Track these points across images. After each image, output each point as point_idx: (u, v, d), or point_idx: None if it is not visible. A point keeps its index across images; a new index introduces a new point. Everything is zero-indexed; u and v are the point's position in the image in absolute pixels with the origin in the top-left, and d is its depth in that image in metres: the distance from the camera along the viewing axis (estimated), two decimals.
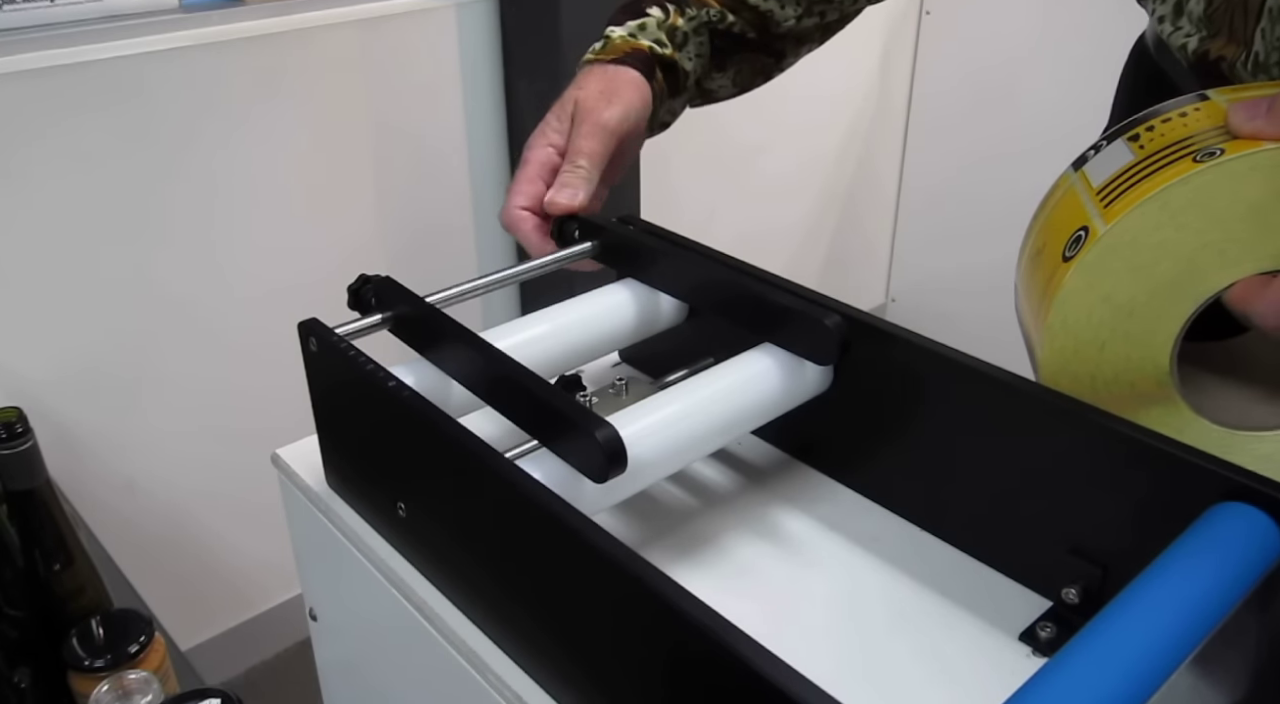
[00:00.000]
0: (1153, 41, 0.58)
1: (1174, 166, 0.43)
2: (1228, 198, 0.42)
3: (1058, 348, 0.47)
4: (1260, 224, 0.42)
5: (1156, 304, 0.45)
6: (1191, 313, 0.45)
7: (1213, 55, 0.51)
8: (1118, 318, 0.46)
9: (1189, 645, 0.34)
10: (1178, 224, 0.43)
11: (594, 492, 0.44)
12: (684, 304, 0.59)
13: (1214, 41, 0.50)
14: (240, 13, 1.27)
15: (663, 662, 0.37)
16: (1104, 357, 0.47)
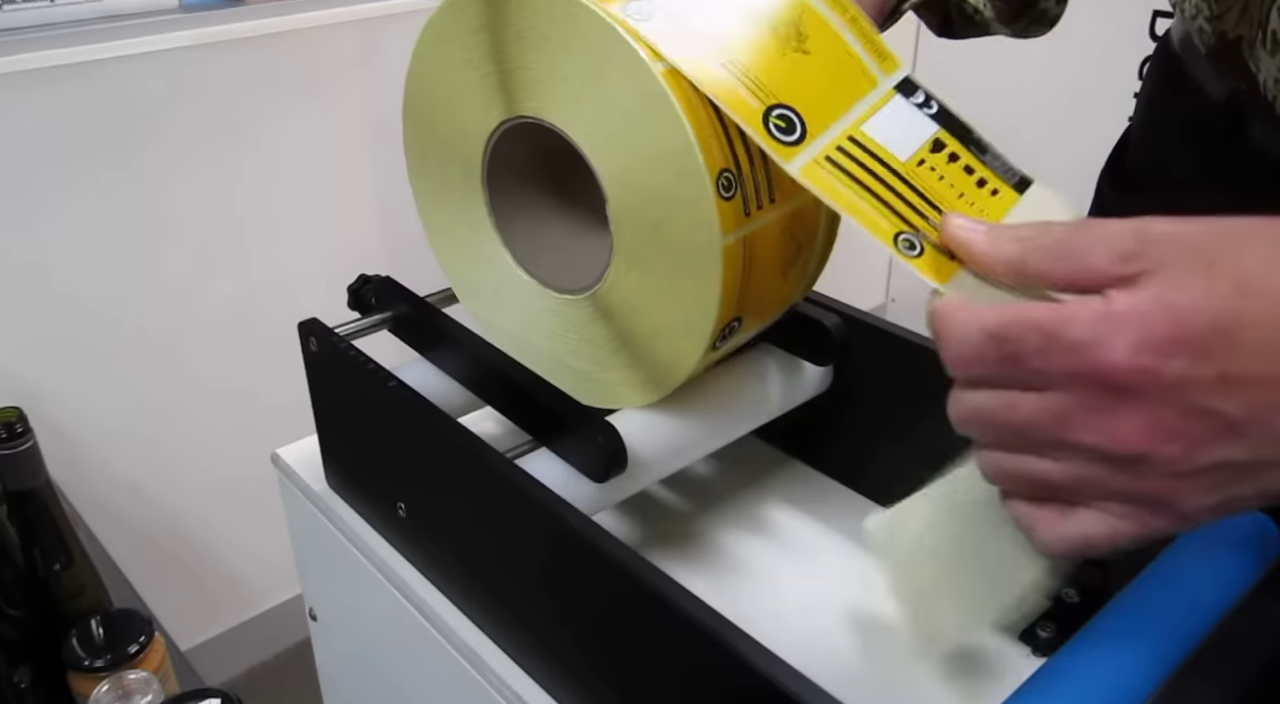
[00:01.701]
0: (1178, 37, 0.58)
1: (879, 215, 0.36)
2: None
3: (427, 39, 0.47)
4: None
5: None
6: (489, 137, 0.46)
7: (1230, 35, 0.50)
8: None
9: (1188, 645, 0.34)
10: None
11: (594, 492, 0.44)
12: None
13: (1226, 20, 0.50)
14: (240, 13, 1.27)
15: (662, 661, 0.37)
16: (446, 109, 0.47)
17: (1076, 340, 0.28)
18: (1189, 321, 0.27)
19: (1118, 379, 0.27)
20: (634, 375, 0.46)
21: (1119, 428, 0.28)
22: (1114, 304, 0.27)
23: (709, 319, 0.41)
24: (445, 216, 0.51)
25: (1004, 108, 2.04)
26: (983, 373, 0.30)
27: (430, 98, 0.48)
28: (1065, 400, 0.29)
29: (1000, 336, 0.29)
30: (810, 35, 0.40)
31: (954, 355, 0.31)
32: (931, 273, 0.34)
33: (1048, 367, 0.28)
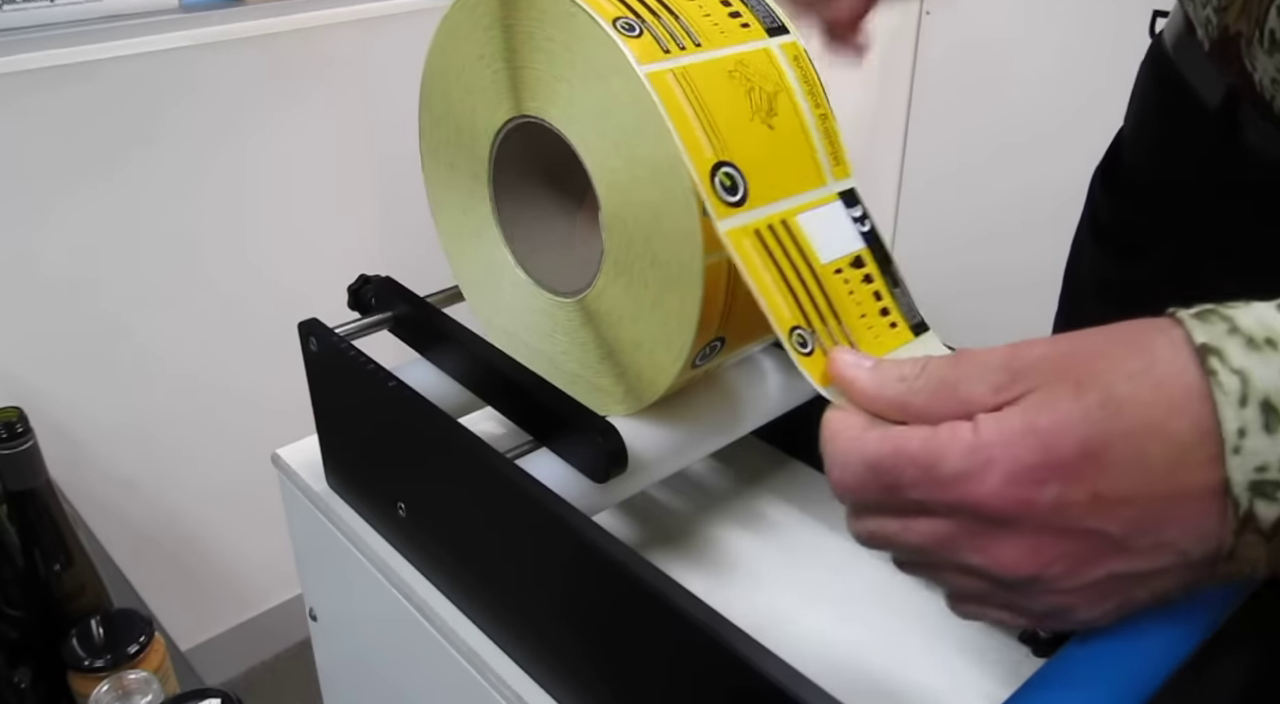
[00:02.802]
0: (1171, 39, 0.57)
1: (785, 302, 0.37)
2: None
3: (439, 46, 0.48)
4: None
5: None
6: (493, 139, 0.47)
7: (1231, 30, 0.50)
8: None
9: (1188, 645, 0.34)
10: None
11: (594, 492, 0.44)
12: None
13: (1229, 13, 0.50)
14: (240, 13, 1.27)
15: (662, 661, 0.37)
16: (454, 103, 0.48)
17: (949, 474, 0.28)
18: (1057, 447, 0.27)
19: (993, 511, 0.28)
20: (618, 384, 0.46)
21: (1002, 553, 0.29)
22: (982, 434, 0.28)
23: (688, 336, 0.42)
24: (454, 212, 0.52)
25: (1005, 108, 2.04)
26: (869, 500, 0.32)
27: (445, 93, 0.48)
28: (950, 527, 0.30)
29: (878, 469, 0.30)
30: (780, 113, 0.41)
31: (838, 481, 0.32)
32: (817, 376, 0.36)
33: (927, 498, 0.29)
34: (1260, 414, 0.26)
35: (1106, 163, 0.66)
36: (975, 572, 0.30)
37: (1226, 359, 0.26)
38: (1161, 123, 0.60)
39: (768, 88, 0.41)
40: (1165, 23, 0.59)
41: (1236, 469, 0.26)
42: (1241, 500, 0.26)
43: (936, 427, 0.29)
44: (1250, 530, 0.27)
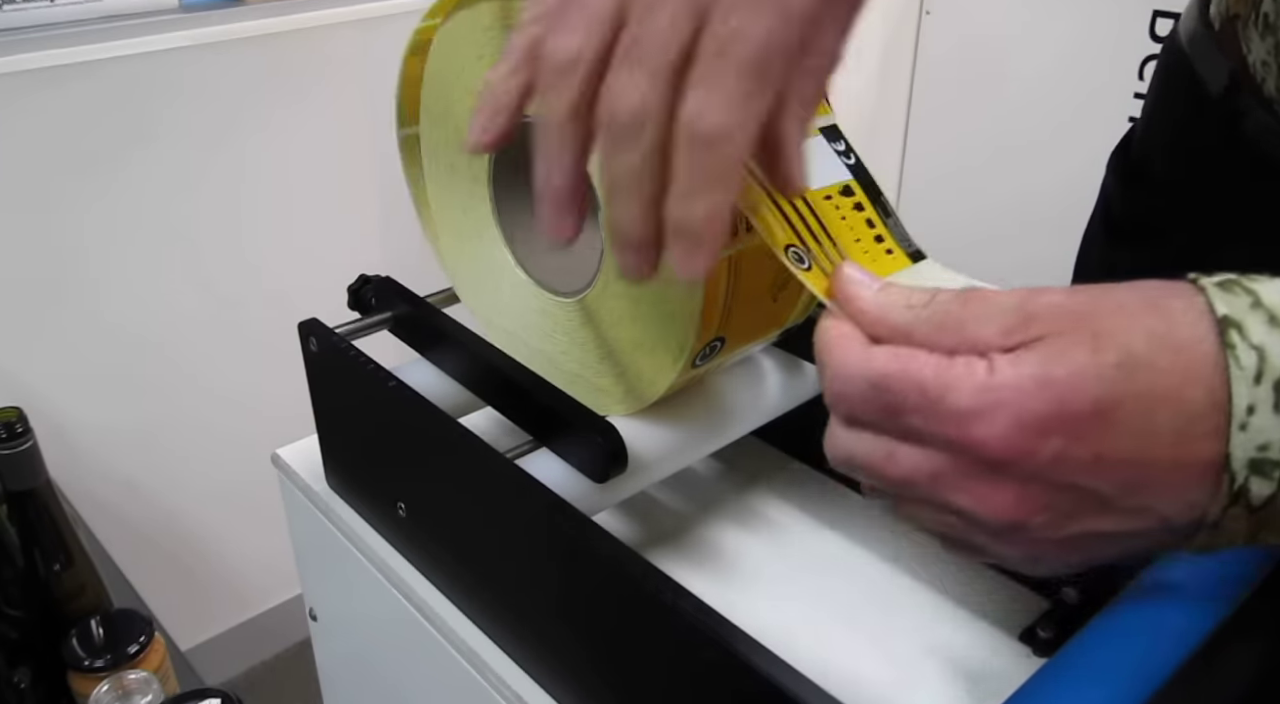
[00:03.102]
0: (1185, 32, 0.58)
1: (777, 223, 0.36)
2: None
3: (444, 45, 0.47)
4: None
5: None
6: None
7: (1232, 12, 0.50)
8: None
9: (1188, 645, 0.34)
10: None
11: (594, 492, 0.44)
12: None
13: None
14: (240, 13, 1.27)
15: (662, 661, 0.37)
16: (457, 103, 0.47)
17: (957, 409, 0.28)
18: (1071, 401, 0.27)
19: (993, 454, 0.27)
20: (618, 384, 0.46)
21: (991, 498, 0.28)
22: (996, 375, 0.27)
23: (689, 336, 0.41)
24: (453, 213, 0.52)
25: (1005, 107, 2.04)
26: (862, 417, 0.30)
27: (445, 94, 0.48)
28: (941, 462, 0.29)
29: (883, 387, 0.29)
30: None
31: (835, 392, 0.31)
32: (820, 287, 0.34)
33: (927, 428, 0.29)
34: (1272, 393, 0.26)
35: (1120, 153, 0.66)
36: (957, 512, 0.29)
37: (1246, 334, 0.26)
38: (1171, 112, 0.60)
39: None
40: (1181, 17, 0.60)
41: (1239, 445, 0.26)
42: (1238, 476, 0.26)
43: (951, 357, 0.28)
44: (1240, 505, 0.27)
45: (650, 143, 0.30)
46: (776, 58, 0.29)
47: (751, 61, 0.29)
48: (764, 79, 0.29)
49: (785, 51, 0.29)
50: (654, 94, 0.29)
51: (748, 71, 0.29)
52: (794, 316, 0.47)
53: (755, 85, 0.29)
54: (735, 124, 0.29)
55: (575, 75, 0.30)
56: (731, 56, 0.29)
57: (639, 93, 0.29)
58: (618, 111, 0.30)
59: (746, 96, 0.29)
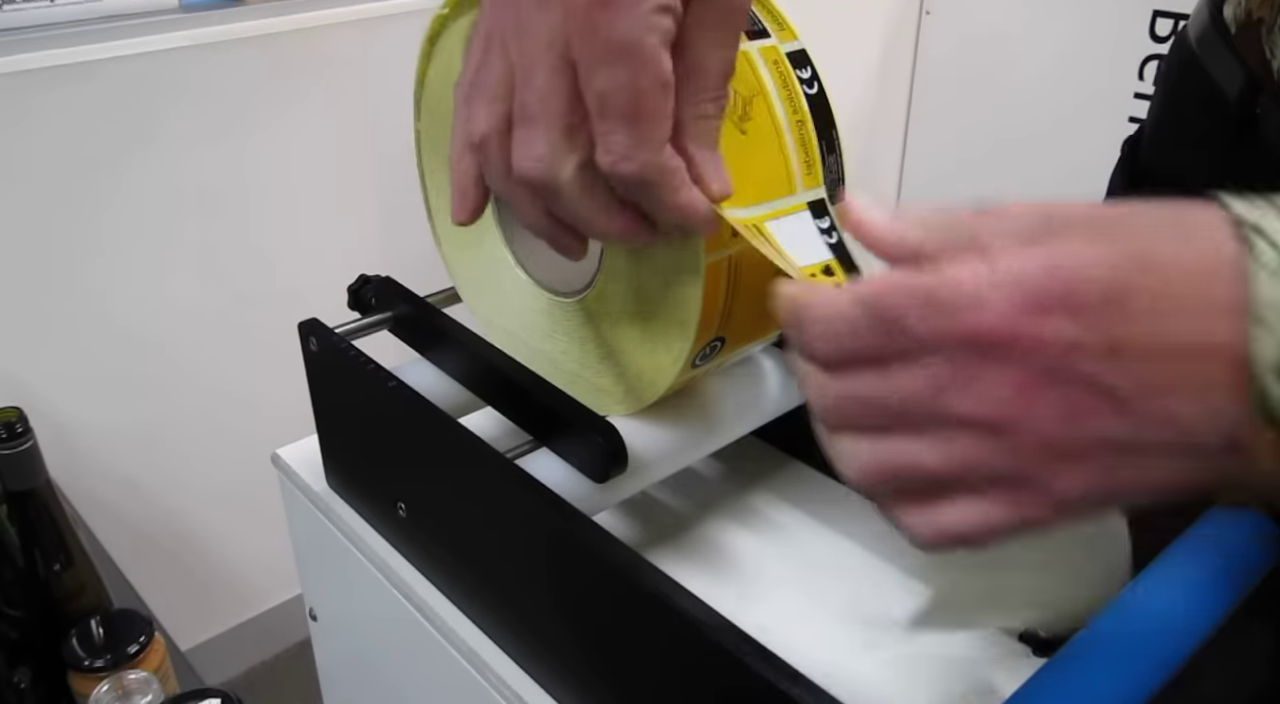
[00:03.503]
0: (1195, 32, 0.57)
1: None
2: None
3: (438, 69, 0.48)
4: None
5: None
6: None
7: (1254, 16, 0.50)
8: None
9: (1188, 646, 0.34)
10: None
11: (594, 492, 0.44)
12: None
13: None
14: (240, 13, 1.27)
15: (662, 661, 0.37)
16: None
17: (955, 303, 0.26)
18: (1079, 283, 0.25)
19: (994, 338, 0.25)
20: (618, 384, 0.46)
21: (988, 392, 0.26)
22: (999, 265, 0.26)
23: (688, 336, 0.41)
24: None
25: (1005, 107, 2.04)
26: (855, 347, 0.28)
27: (447, 93, 0.48)
28: (941, 368, 0.26)
29: (877, 305, 0.27)
30: (754, 119, 0.40)
31: (822, 331, 0.29)
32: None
33: (927, 332, 0.26)
34: None
35: (1128, 154, 0.65)
36: (957, 423, 0.27)
37: (1265, 233, 0.25)
38: (1182, 114, 0.60)
39: (743, 92, 0.40)
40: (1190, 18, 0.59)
41: (1262, 345, 0.24)
42: (1263, 380, 0.24)
43: (949, 264, 0.27)
44: (1265, 420, 0.25)
45: (568, 187, 0.34)
46: (650, 99, 0.32)
47: (630, 112, 0.32)
48: (649, 120, 0.33)
49: (658, 91, 0.32)
50: (550, 144, 0.33)
51: (632, 121, 0.32)
52: None
53: (644, 130, 0.33)
54: (645, 166, 0.33)
55: (490, 149, 0.35)
56: (612, 114, 0.32)
57: (539, 147, 0.33)
58: (522, 169, 0.34)
59: (641, 141, 0.33)
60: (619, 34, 0.31)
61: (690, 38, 0.33)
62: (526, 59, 0.33)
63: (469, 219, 0.39)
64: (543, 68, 0.32)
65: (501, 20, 0.34)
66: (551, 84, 0.32)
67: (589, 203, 0.35)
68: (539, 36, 0.32)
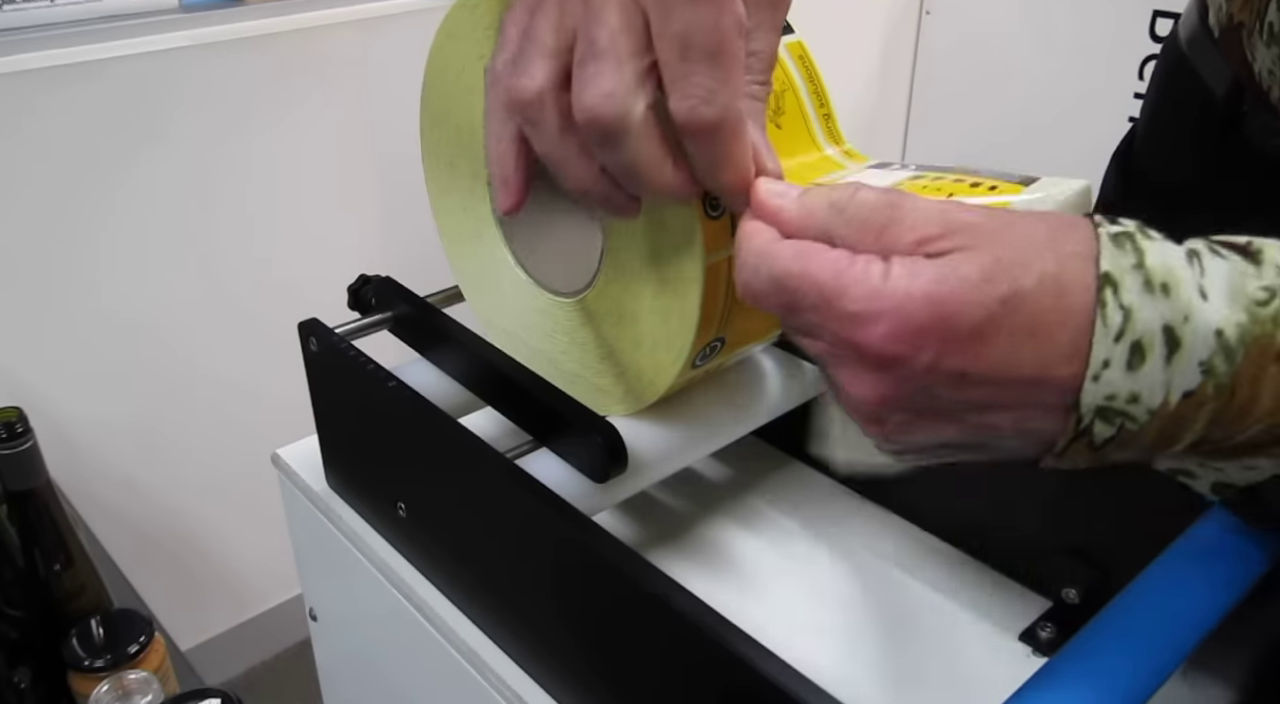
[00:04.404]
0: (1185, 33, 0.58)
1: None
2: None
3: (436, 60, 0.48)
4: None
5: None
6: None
7: (1236, 20, 0.51)
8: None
9: (1188, 646, 0.34)
10: None
11: (594, 492, 0.44)
12: None
13: (1234, 2, 0.50)
14: (240, 13, 1.27)
15: (662, 661, 0.37)
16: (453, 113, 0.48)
17: (846, 312, 0.30)
18: (951, 321, 0.28)
19: (872, 354, 0.30)
20: (618, 384, 0.46)
21: (861, 385, 0.31)
22: (889, 283, 0.29)
23: (688, 336, 0.41)
24: (454, 212, 0.52)
25: (1005, 108, 2.04)
26: (765, 294, 0.32)
27: (445, 93, 0.48)
28: (830, 352, 0.31)
29: (782, 286, 0.31)
30: (786, 112, 0.41)
31: (744, 284, 0.33)
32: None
33: (820, 322, 0.31)
34: (1127, 352, 0.28)
35: (1121, 153, 0.66)
36: (840, 390, 0.32)
37: (1120, 293, 0.28)
38: (1172, 114, 0.60)
39: (775, 87, 0.41)
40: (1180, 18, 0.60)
41: (1089, 393, 0.28)
42: (1085, 418, 0.29)
43: (852, 258, 0.30)
44: (1083, 442, 0.29)
45: (637, 128, 0.33)
46: (732, 40, 0.32)
47: (714, 52, 0.31)
48: (731, 61, 0.32)
49: (739, 33, 0.32)
50: (622, 81, 0.32)
51: (715, 61, 0.32)
52: None
53: (727, 70, 0.32)
54: (727, 108, 0.32)
55: (544, 104, 0.33)
56: (695, 55, 0.31)
57: (609, 82, 0.32)
58: (592, 105, 0.32)
59: (724, 83, 0.32)
60: None
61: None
62: (596, 2, 0.32)
63: (515, 207, 0.38)
64: (613, 6, 0.32)
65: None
66: (624, 21, 0.32)
67: (653, 150, 0.33)
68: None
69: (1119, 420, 0.29)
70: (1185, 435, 0.29)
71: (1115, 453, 0.30)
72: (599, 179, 0.35)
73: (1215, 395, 0.28)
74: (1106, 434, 0.29)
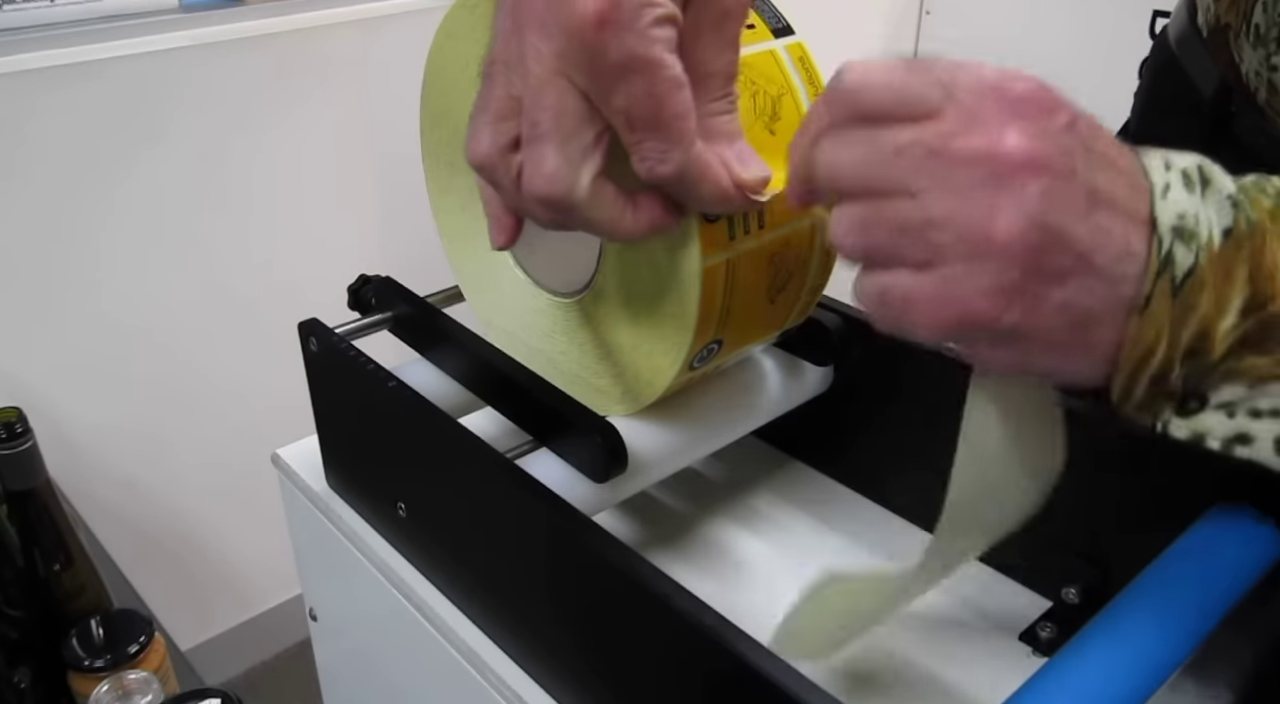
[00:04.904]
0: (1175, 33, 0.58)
1: None
2: None
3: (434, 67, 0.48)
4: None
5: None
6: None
7: (1222, 21, 0.51)
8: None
9: (1188, 646, 0.34)
10: None
11: (594, 491, 0.44)
12: None
13: (1221, 4, 0.50)
14: (240, 13, 1.27)
15: (662, 661, 0.37)
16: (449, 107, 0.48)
17: (986, 76, 0.32)
18: (1062, 106, 0.32)
19: (1019, 96, 0.32)
20: (616, 385, 0.46)
21: (1006, 139, 0.30)
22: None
23: (686, 338, 0.41)
24: (453, 212, 0.52)
25: None
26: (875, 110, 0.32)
27: (445, 92, 0.48)
28: (952, 125, 0.31)
29: (897, 87, 0.31)
30: (783, 118, 0.40)
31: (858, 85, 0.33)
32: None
33: (939, 109, 0.31)
34: (1181, 178, 0.31)
35: None
36: (925, 212, 0.30)
37: (1150, 157, 0.32)
38: (1162, 114, 0.60)
39: (771, 91, 0.41)
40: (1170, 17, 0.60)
41: (1162, 210, 0.30)
42: (1165, 239, 0.29)
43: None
44: (1166, 277, 0.29)
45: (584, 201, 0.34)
46: (671, 102, 0.33)
47: (655, 119, 0.33)
48: (675, 121, 0.33)
49: (676, 92, 0.33)
50: (565, 161, 0.33)
51: (658, 126, 0.33)
52: (792, 318, 0.47)
53: (672, 131, 0.33)
54: (682, 165, 0.34)
55: (495, 168, 0.35)
56: (639, 125, 0.33)
57: (550, 163, 0.34)
58: (534, 187, 0.34)
59: (673, 142, 0.33)
60: (625, 52, 0.32)
61: (689, 44, 0.34)
62: (534, 81, 0.33)
63: (507, 244, 0.39)
64: (550, 90, 0.33)
65: (506, 50, 0.34)
66: (563, 102, 0.33)
67: (606, 211, 0.35)
68: (545, 62, 0.33)
69: (1194, 245, 0.29)
70: (1234, 297, 0.30)
71: (1187, 316, 0.29)
72: (567, 227, 0.37)
73: (1249, 234, 0.30)
74: (1187, 262, 0.29)
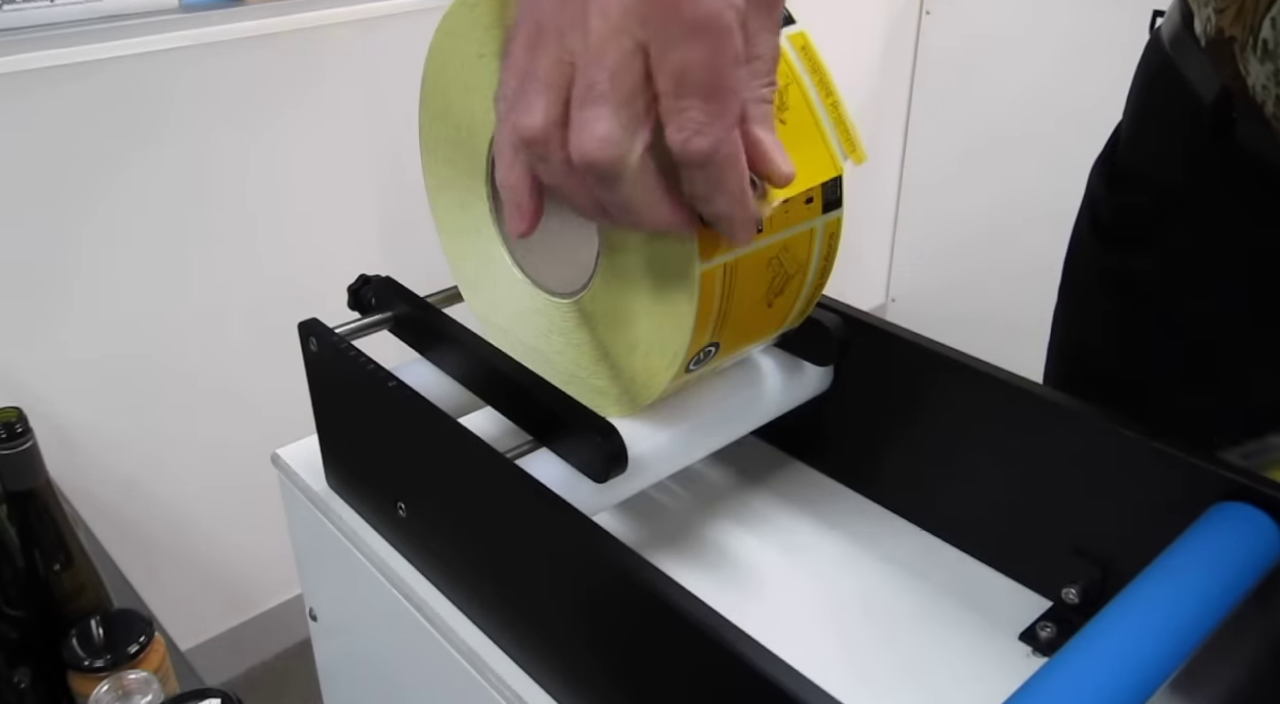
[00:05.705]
0: (1169, 35, 0.58)
1: None
2: None
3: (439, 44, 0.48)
4: None
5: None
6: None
7: (1226, 34, 0.50)
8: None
9: (1189, 645, 0.34)
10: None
11: (594, 492, 0.44)
12: None
13: (1225, 16, 0.50)
14: (240, 13, 1.27)
15: (662, 661, 0.37)
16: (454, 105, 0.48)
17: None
18: None
19: None
20: (614, 386, 0.46)
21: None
22: None
23: (683, 341, 0.41)
24: (452, 209, 0.52)
25: (1005, 107, 2.04)
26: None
27: (444, 91, 0.48)
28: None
29: None
30: (790, 107, 0.40)
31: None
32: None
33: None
34: None
35: (1105, 156, 0.66)
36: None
37: None
38: (1158, 117, 0.60)
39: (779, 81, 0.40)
40: (1163, 18, 0.60)
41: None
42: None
43: None
44: None
45: (632, 171, 0.33)
46: (728, 74, 0.32)
47: (708, 87, 0.32)
48: (725, 95, 0.32)
49: (735, 67, 0.32)
50: (619, 125, 0.32)
51: (709, 95, 0.32)
52: (789, 322, 0.47)
53: (720, 104, 0.32)
54: (720, 141, 0.33)
55: (550, 140, 0.34)
56: (689, 90, 0.32)
57: (604, 125, 0.32)
58: (588, 150, 0.33)
59: (716, 117, 0.32)
60: (701, 9, 0.31)
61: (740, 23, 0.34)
62: (594, 40, 0.32)
63: (528, 231, 0.38)
64: (613, 47, 0.32)
65: (560, 15, 0.33)
66: (623, 62, 0.32)
67: (649, 192, 0.34)
68: (609, 17, 0.32)
69: None
70: None
71: None
72: (597, 212, 0.36)
73: None
74: None
